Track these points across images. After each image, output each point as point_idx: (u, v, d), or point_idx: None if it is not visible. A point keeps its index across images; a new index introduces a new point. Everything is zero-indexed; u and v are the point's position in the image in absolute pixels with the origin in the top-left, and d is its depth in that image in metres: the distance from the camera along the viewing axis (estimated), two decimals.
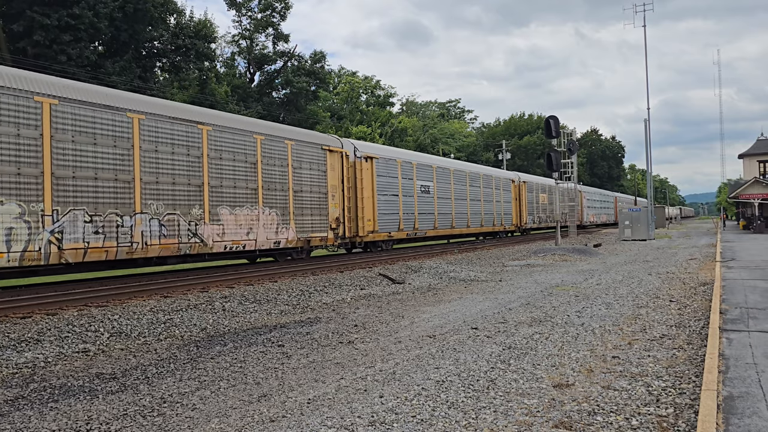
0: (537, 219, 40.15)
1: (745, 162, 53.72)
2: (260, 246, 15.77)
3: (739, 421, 4.30)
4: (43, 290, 12.06)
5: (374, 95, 69.19)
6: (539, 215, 40.63)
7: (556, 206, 43.88)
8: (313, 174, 18.16)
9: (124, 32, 34.64)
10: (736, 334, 7.22)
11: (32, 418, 5.25)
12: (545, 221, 41.96)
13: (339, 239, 19.21)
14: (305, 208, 17.70)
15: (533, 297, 11.58)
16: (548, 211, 42.49)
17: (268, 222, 16.06)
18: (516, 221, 36.77)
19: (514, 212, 36.52)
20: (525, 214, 37.66)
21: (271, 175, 16.35)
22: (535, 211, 39.95)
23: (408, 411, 4.92)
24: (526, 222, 37.89)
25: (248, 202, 15.43)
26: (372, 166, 21.34)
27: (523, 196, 37.58)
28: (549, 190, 42.50)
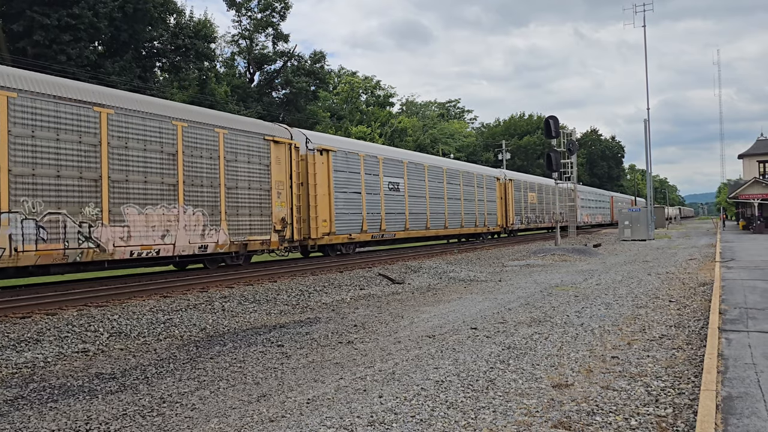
0: (525, 219, 37.73)
1: (744, 162, 53.71)
2: (180, 251, 13.48)
3: (737, 422, 4.31)
4: (42, 290, 12.07)
5: (374, 95, 69.19)
6: (528, 215, 38.24)
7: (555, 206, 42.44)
8: (252, 168, 15.72)
9: (124, 32, 34.63)
10: (736, 335, 7.23)
11: (32, 418, 5.25)
12: (535, 222, 39.52)
13: (286, 242, 16.82)
14: (242, 207, 15.31)
15: (533, 297, 11.59)
16: (538, 211, 40.24)
17: (192, 223, 13.77)
18: (501, 222, 34.19)
19: (499, 212, 33.87)
20: (512, 214, 35.20)
21: (196, 169, 13.98)
22: (524, 211, 37.48)
23: (407, 411, 4.92)
24: (513, 222, 35.38)
25: (164, 200, 13.08)
26: (328, 160, 19.01)
27: (509, 194, 35.12)
28: (539, 189, 40.59)
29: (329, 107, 60.75)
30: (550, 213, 42.40)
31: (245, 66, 53.34)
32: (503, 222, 34.50)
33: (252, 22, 51.13)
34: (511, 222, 35.13)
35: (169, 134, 13.41)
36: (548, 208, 42.52)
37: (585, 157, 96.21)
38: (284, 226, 16.66)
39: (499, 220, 33.92)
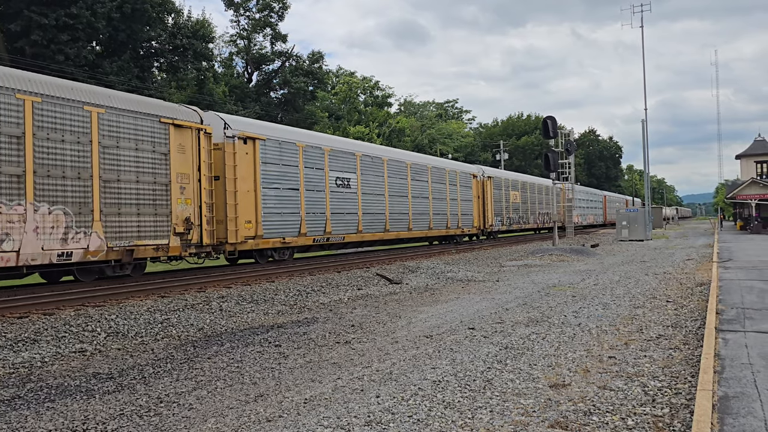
0: (507, 220, 34.09)
1: (742, 162, 53.83)
2: (29, 260, 10.64)
3: (734, 421, 4.32)
4: (39, 290, 12.04)
5: (372, 95, 69.23)
6: (510, 216, 34.52)
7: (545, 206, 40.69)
8: (143, 157, 12.87)
9: (122, 32, 34.61)
10: (732, 335, 7.24)
11: (29, 418, 5.24)
12: (518, 222, 35.74)
13: (192, 247, 14.05)
14: (126, 204, 12.45)
15: (530, 297, 11.60)
16: (522, 211, 36.44)
17: (47, 224, 10.99)
18: (478, 223, 30.68)
19: (475, 212, 30.42)
20: (490, 215, 31.80)
21: (55, 156, 11.17)
22: (505, 211, 33.90)
23: (404, 411, 4.93)
24: (492, 224, 31.89)
25: (2, 195, 10.30)
26: (254, 150, 16.09)
27: (488, 193, 31.66)
28: (523, 187, 37.04)
29: (327, 107, 60.75)
30: (536, 213, 39.53)
31: (243, 66, 53.36)
32: (480, 223, 31.00)
33: (250, 22, 51.13)
34: (490, 223, 31.72)
35: (12, 112, 10.55)
36: (534, 208, 39.17)
37: (583, 158, 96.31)
38: (189, 228, 13.84)
39: (476, 221, 30.44)
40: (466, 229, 29.31)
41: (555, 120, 27.76)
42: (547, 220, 41.68)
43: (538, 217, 39.97)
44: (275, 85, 52.54)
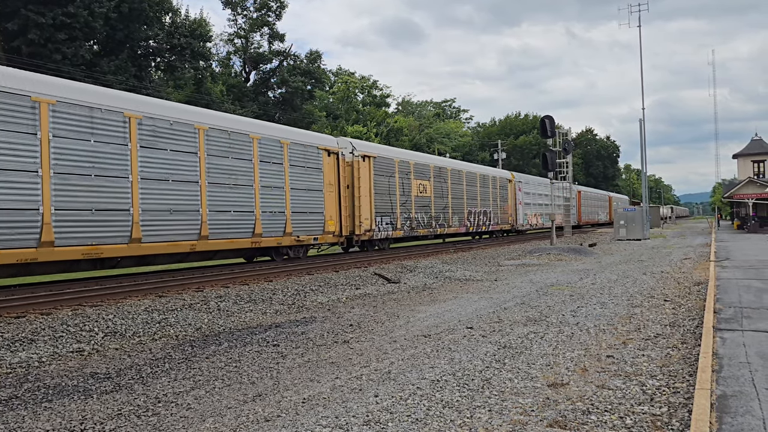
0: (410, 223, 24.28)
1: (739, 162, 53.96)
2: None
3: (732, 420, 4.32)
4: (37, 290, 12.02)
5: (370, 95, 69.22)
6: (416, 216, 24.80)
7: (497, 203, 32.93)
8: None
9: (120, 31, 34.54)
10: (730, 334, 7.26)
11: (26, 418, 5.23)
12: (428, 226, 25.78)
13: None
14: None
15: (528, 296, 11.60)
16: (436, 210, 26.63)
17: None
18: (336, 228, 19.92)
19: (332, 209, 19.78)
20: (368, 215, 21.48)
21: None
22: (401, 209, 23.60)
23: (403, 410, 4.92)
24: (373, 228, 21.77)
25: None
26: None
27: (363, 181, 21.24)
28: (440, 176, 27.04)
29: (326, 106, 60.73)
30: (467, 212, 29.57)
31: (241, 65, 53.31)
32: (346, 227, 20.65)
33: (248, 21, 51.08)
34: (368, 226, 21.47)
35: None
36: (461, 206, 28.99)
37: (581, 157, 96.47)
38: None
39: (332, 225, 19.69)
40: (317, 234, 19.02)
41: (553, 119, 27.79)
42: (487, 222, 32.04)
43: (472, 217, 30.08)
44: (273, 84, 52.50)
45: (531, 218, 39.75)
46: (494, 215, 33.48)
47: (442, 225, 27.13)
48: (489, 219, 32.59)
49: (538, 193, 41.51)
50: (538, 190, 41.63)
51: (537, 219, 41.13)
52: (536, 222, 40.99)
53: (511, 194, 36.17)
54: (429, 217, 25.94)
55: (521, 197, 37.75)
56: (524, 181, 39.23)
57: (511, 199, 36.15)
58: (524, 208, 38.38)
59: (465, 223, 29.48)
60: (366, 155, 21.67)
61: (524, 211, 38.30)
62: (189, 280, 13.64)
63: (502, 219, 34.64)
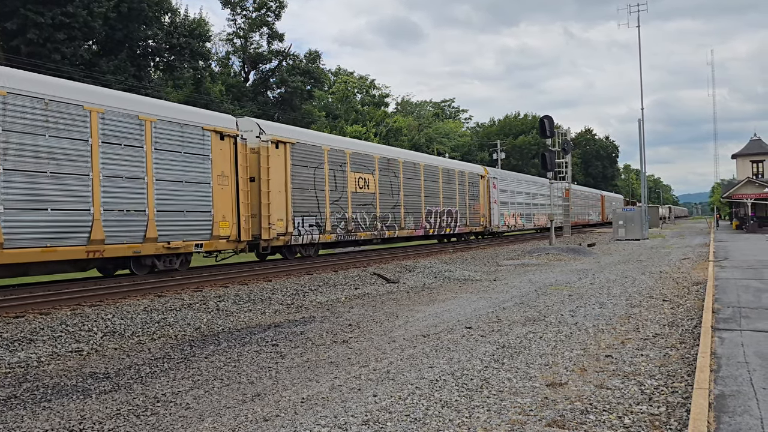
0: (344, 225, 19.84)
1: (738, 162, 54.00)
2: None
3: (730, 420, 4.33)
4: (36, 289, 12.01)
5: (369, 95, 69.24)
6: (354, 216, 20.34)
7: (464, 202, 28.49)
8: None
9: (119, 31, 34.52)
10: (729, 333, 7.27)
11: (25, 418, 5.23)
12: (371, 227, 21.29)
13: None
14: None
15: (527, 296, 11.61)
16: (378, 209, 21.78)
17: None
18: (232, 231, 15.30)
19: (228, 208, 15.26)
20: (282, 215, 17.16)
21: None
22: (332, 208, 19.29)
23: (402, 410, 4.93)
24: (290, 232, 17.39)
25: None
26: None
27: (276, 173, 16.94)
28: (386, 168, 22.45)
29: (325, 106, 60.74)
30: (423, 212, 25.15)
31: (240, 65, 53.29)
32: (251, 229, 16.16)
33: (247, 21, 51.06)
34: (282, 229, 17.09)
35: None
36: (417, 204, 24.73)
37: (580, 157, 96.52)
38: None
39: (225, 227, 15.09)
40: (185, 242, 14.14)
41: (552, 120, 27.83)
42: (452, 224, 27.96)
43: (432, 218, 25.96)
44: (272, 84, 52.47)
45: (509, 219, 35.06)
46: (462, 215, 28.96)
47: (391, 227, 22.53)
48: (455, 220, 28.12)
49: (518, 191, 37.18)
50: (518, 188, 37.31)
51: (516, 220, 36.31)
52: (515, 223, 36.11)
53: (483, 192, 31.69)
54: (373, 217, 21.36)
55: (496, 195, 33.18)
56: (501, 177, 34.76)
57: (484, 198, 31.65)
58: (500, 207, 33.93)
59: (423, 225, 24.98)
60: (280, 141, 17.17)
61: (500, 211, 33.76)
62: (188, 280, 13.64)
63: (472, 220, 30.14)
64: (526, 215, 38.36)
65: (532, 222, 39.62)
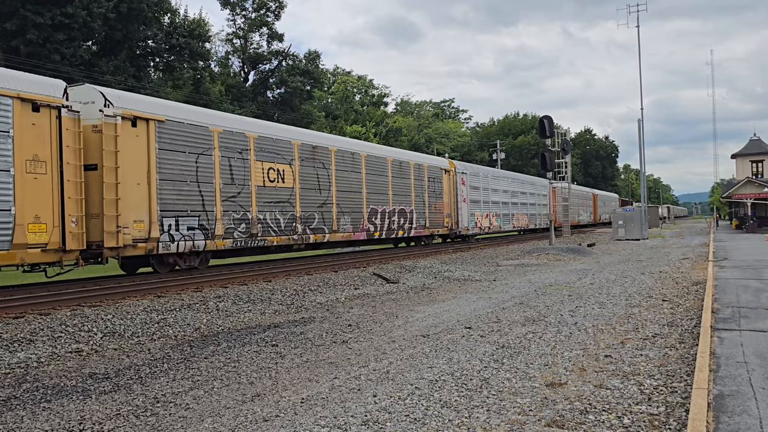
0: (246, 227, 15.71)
1: (738, 162, 54.04)
2: None
3: (729, 419, 4.34)
4: (35, 290, 12.01)
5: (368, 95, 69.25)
6: (261, 216, 16.31)
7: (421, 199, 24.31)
8: None
9: (118, 31, 34.53)
10: (728, 333, 7.27)
11: (24, 419, 5.23)
12: (288, 229, 17.28)
13: None
14: None
15: (527, 296, 11.62)
16: (298, 207, 17.68)
17: None
18: (53, 237, 11.19)
19: (44, 204, 11.15)
20: (141, 214, 13.03)
21: None
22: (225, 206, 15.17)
23: (401, 410, 4.93)
24: (155, 237, 13.24)
25: None
26: None
27: (129, 158, 12.76)
28: (311, 158, 18.40)
29: (325, 107, 60.75)
30: (365, 212, 21.03)
31: (240, 65, 53.31)
32: (81, 234, 11.80)
33: (246, 21, 51.08)
34: (142, 233, 13.03)
35: None
36: (357, 202, 20.62)
37: (580, 157, 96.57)
38: None
39: (39, 232, 11.06)
40: None
41: (551, 120, 27.83)
42: (406, 225, 23.87)
43: (378, 219, 21.91)
44: (272, 84, 52.49)
45: (481, 220, 30.88)
46: (419, 215, 24.77)
47: (318, 229, 18.50)
48: (409, 221, 23.94)
49: (493, 188, 32.94)
50: (493, 185, 33.03)
51: (491, 221, 32.18)
52: (490, 224, 31.98)
53: (449, 188, 27.41)
54: (290, 218, 17.37)
55: (466, 192, 29.08)
56: (471, 173, 30.58)
57: (449, 195, 27.43)
58: (471, 206, 29.77)
59: (364, 227, 20.81)
60: (139, 116, 12.99)
61: (471, 211, 29.59)
62: (188, 281, 13.64)
63: (434, 221, 26.07)
64: (504, 216, 34.37)
65: (510, 223, 35.64)
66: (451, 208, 27.54)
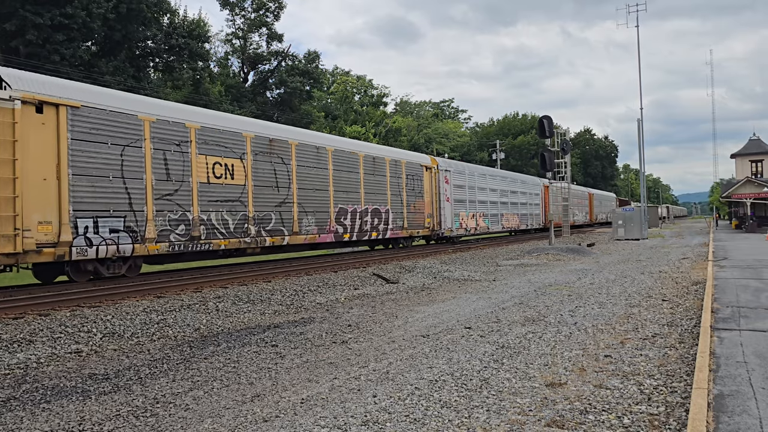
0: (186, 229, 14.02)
1: (737, 162, 54.06)
2: None
3: (729, 419, 4.34)
4: (35, 290, 12.00)
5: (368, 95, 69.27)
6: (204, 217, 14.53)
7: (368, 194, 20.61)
8: None
9: (118, 32, 34.53)
10: (728, 333, 7.27)
11: (24, 419, 5.23)
12: (239, 231, 15.46)
13: None
14: None
15: (526, 296, 11.62)
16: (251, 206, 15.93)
17: None
18: None
19: None
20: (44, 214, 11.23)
21: None
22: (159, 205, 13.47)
23: (401, 410, 4.93)
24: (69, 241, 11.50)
25: None
26: None
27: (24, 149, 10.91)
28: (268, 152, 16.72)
29: (324, 107, 60.77)
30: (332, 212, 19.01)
31: (239, 66, 53.32)
32: None
33: (246, 21, 51.08)
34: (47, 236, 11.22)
35: None
36: (323, 201, 18.75)
37: (579, 157, 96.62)
38: None
39: None
40: None
41: (551, 120, 27.82)
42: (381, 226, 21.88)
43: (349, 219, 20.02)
44: (271, 85, 52.50)
45: (466, 221, 29.05)
46: (396, 216, 22.91)
47: (275, 231, 16.59)
48: (384, 221, 22.03)
49: (480, 186, 31.09)
50: (480, 183, 31.19)
51: (478, 221, 30.31)
52: (476, 225, 30.16)
53: (430, 187, 25.67)
54: (242, 218, 15.61)
55: (450, 191, 27.40)
56: (456, 170, 28.77)
57: (431, 195, 25.71)
58: (455, 206, 28.04)
59: (332, 228, 18.95)
60: (46, 101, 11.44)
61: (455, 211, 27.92)
62: (187, 281, 13.64)
63: (414, 221, 24.10)
64: (492, 216, 32.50)
65: (499, 224, 33.59)
66: (432, 208, 25.91)
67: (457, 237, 28.77)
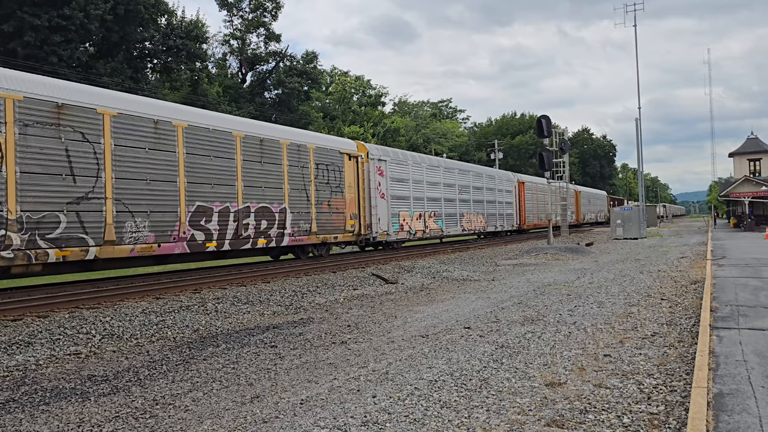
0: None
1: (735, 160, 54.11)
2: None
3: (729, 418, 4.34)
4: (34, 292, 11.98)
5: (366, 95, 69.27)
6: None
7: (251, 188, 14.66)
8: None
9: (115, 33, 34.49)
10: (727, 332, 7.27)
11: (23, 421, 5.22)
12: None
13: None
14: None
15: (526, 296, 11.62)
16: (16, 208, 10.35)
17: None
18: None
19: None
20: None
21: None
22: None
23: (401, 411, 4.93)
24: None
25: None
26: None
27: None
28: (67, 127, 11.27)
29: (322, 107, 60.75)
30: (181, 213, 13.61)
31: (237, 66, 53.31)
32: None
33: (243, 22, 51.06)
34: None
35: None
36: (169, 196, 13.41)
37: (577, 157, 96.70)
38: None
39: None
40: None
41: (549, 119, 27.84)
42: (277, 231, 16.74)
43: (220, 221, 14.88)
44: (269, 85, 52.48)
45: (411, 222, 24.05)
46: (299, 217, 17.70)
47: (68, 240, 11.37)
48: (280, 224, 16.88)
49: (432, 181, 26.12)
50: (431, 177, 26.13)
51: (428, 223, 25.43)
52: (425, 228, 25.16)
53: (356, 180, 20.53)
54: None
55: (385, 186, 22.28)
56: (394, 160, 23.38)
57: (356, 190, 20.51)
58: (394, 204, 22.94)
59: (183, 235, 13.79)
60: None
61: (394, 210, 22.86)
62: (186, 282, 13.63)
63: (328, 224, 18.98)
64: (448, 216, 27.34)
65: (459, 225, 28.44)
66: (359, 207, 20.53)
67: (397, 242, 23.80)
